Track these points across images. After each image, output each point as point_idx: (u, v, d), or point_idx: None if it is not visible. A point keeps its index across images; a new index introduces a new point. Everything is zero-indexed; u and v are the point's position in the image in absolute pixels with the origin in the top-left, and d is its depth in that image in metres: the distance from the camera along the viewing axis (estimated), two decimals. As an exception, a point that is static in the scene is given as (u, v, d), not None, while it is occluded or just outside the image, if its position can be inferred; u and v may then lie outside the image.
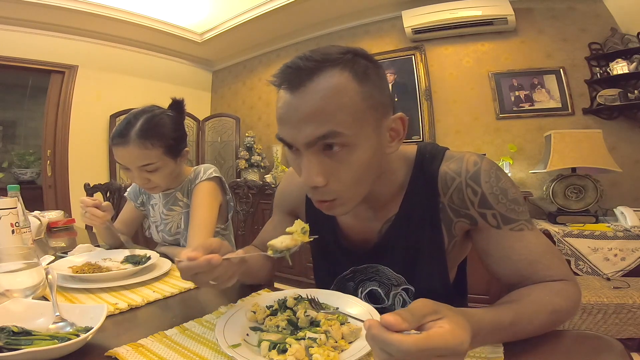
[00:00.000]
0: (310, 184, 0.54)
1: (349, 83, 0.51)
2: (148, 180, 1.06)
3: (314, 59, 0.52)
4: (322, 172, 0.53)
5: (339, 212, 0.60)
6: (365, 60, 0.55)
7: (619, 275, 1.88)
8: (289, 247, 0.58)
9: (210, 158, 4.08)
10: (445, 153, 0.65)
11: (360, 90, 0.52)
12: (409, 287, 0.69)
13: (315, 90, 0.51)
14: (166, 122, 1.07)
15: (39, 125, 3.66)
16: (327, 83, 0.51)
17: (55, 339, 0.50)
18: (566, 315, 0.53)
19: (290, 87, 0.52)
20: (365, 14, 3.17)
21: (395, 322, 0.34)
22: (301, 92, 0.51)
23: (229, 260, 0.56)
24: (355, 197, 0.59)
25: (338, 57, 0.52)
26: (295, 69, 0.52)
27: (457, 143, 2.80)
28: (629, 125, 2.32)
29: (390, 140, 0.59)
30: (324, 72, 0.51)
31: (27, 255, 0.71)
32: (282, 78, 0.53)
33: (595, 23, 2.41)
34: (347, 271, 0.75)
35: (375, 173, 0.59)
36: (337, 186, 0.55)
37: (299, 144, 0.53)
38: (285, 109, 0.53)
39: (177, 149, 1.10)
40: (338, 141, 0.52)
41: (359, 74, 0.52)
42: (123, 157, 1.02)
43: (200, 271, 0.54)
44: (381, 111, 0.55)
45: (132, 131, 1.00)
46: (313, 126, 0.51)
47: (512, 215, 0.59)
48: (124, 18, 3.15)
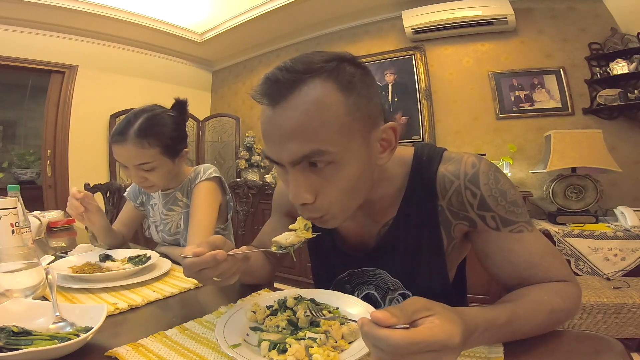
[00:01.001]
0: (298, 201, 0.53)
1: (332, 95, 0.49)
2: (145, 179, 1.07)
3: (295, 70, 0.49)
4: (310, 189, 0.52)
5: (331, 225, 0.59)
6: (351, 66, 0.52)
7: (619, 275, 1.88)
8: (293, 244, 0.59)
9: (210, 158, 4.08)
10: (443, 154, 0.64)
11: (345, 102, 0.49)
12: (405, 292, 0.69)
13: (297, 105, 0.48)
14: (166, 122, 1.07)
15: (39, 125, 3.66)
16: (309, 97, 0.48)
17: (55, 339, 0.50)
18: (566, 316, 0.53)
19: (270, 102, 0.50)
20: (365, 14, 3.17)
21: (384, 318, 0.34)
22: (282, 107, 0.49)
23: (233, 256, 0.56)
24: (346, 211, 0.58)
25: (320, 66, 0.49)
26: (275, 82, 0.49)
27: (457, 143, 2.80)
28: (629, 125, 2.32)
29: (382, 151, 0.57)
30: (306, 84, 0.48)
31: (27, 255, 0.71)
32: (263, 92, 0.51)
33: (595, 23, 2.41)
34: (344, 274, 0.74)
35: (367, 186, 0.58)
36: (325, 202, 0.54)
37: (284, 162, 0.52)
38: (268, 125, 0.51)
39: (175, 149, 1.09)
40: (324, 159, 0.50)
41: (344, 84, 0.50)
42: (121, 155, 1.03)
43: (206, 267, 0.54)
44: (369, 123, 0.53)
45: (131, 130, 1.00)
46: (296, 144, 0.49)
47: (512, 217, 0.59)
48: (124, 18, 3.15)
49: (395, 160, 0.64)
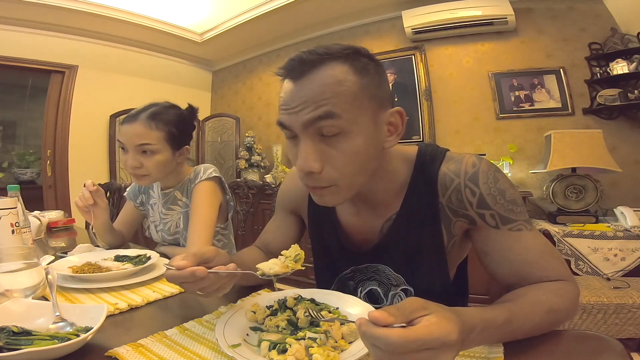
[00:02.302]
0: (306, 169, 0.55)
1: (348, 74, 0.54)
2: (141, 164, 1.07)
3: (317, 53, 0.55)
4: (318, 157, 0.55)
5: (331, 201, 0.60)
6: (366, 58, 0.57)
7: (619, 275, 1.88)
8: (277, 273, 0.59)
9: (210, 158, 4.08)
10: (446, 154, 0.66)
11: (359, 82, 0.54)
12: (407, 287, 0.69)
13: (316, 79, 0.54)
14: (177, 113, 1.14)
15: (39, 125, 3.66)
16: (327, 73, 0.54)
17: (55, 339, 0.50)
18: (565, 315, 0.53)
19: (293, 77, 0.55)
20: (365, 14, 3.17)
21: (381, 317, 0.34)
22: (303, 81, 0.54)
23: (217, 273, 0.55)
24: (350, 187, 0.59)
25: (339, 51, 0.55)
26: (299, 61, 0.55)
27: (457, 143, 2.80)
28: (629, 125, 2.32)
29: (389, 135, 0.59)
30: (326, 64, 0.54)
31: (27, 255, 0.71)
32: (287, 68, 0.56)
33: (595, 23, 2.41)
34: (348, 270, 0.75)
35: (372, 165, 0.60)
36: (332, 173, 0.56)
37: (297, 126, 0.55)
38: (288, 95, 0.56)
39: (179, 140, 1.13)
40: (335, 124, 0.53)
41: (359, 69, 0.55)
42: (126, 133, 1.06)
43: (185, 281, 0.54)
44: (379, 103, 0.57)
45: (143, 114, 1.07)
46: (311, 108, 0.53)
47: (511, 216, 0.60)
48: (124, 18, 3.15)
49: (399, 156, 0.67)
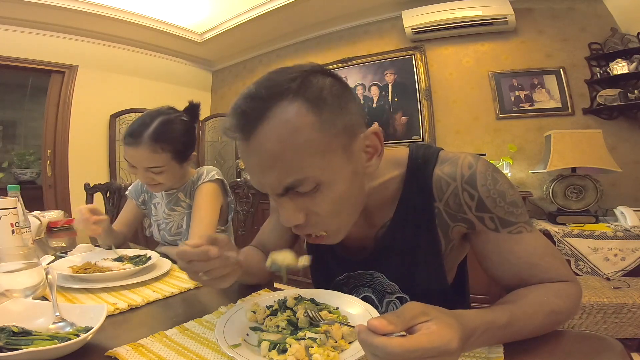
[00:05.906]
0: (290, 224, 0.53)
1: (302, 117, 0.47)
2: (153, 179, 1.09)
3: (259, 97, 0.48)
4: (300, 210, 0.52)
5: (333, 241, 0.59)
6: (318, 77, 0.50)
7: (619, 275, 1.88)
8: (289, 265, 0.57)
9: (210, 158, 4.08)
10: (439, 155, 0.62)
11: (317, 121, 0.47)
12: (403, 295, 0.68)
13: (268, 135, 0.47)
14: (179, 127, 1.09)
15: (39, 125, 3.66)
16: (279, 123, 0.46)
17: (55, 339, 0.50)
18: (566, 316, 0.52)
19: (242, 136, 0.49)
20: (365, 14, 3.17)
21: (380, 325, 0.34)
22: (254, 140, 0.48)
23: (227, 257, 0.55)
24: (345, 227, 0.58)
25: (286, 87, 0.47)
26: (242, 115, 0.48)
27: (457, 143, 2.80)
28: (629, 125, 2.32)
29: (368, 159, 0.55)
30: (272, 110, 0.47)
31: (27, 255, 0.71)
32: (233, 128, 0.49)
33: (595, 23, 2.41)
34: (342, 276, 0.74)
35: (360, 198, 0.58)
36: (319, 222, 0.54)
37: (268, 191, 0.52)
38: (246, 159, 0.51)
39: (185, 154, 1.12)
40: (307, 185, 0.49)
41: (313, 101, 0.47)
42: (132, 157, 1.05)
43: (196, 259, 0.53)
44: (347, 135, 0.51)
45: (145, 133, 1.02)
46: (276, 177, 0.49)
47: (511, 218, 0.58)
48: (124, 18, 3.15)
49: (389, 163, 0.64)
